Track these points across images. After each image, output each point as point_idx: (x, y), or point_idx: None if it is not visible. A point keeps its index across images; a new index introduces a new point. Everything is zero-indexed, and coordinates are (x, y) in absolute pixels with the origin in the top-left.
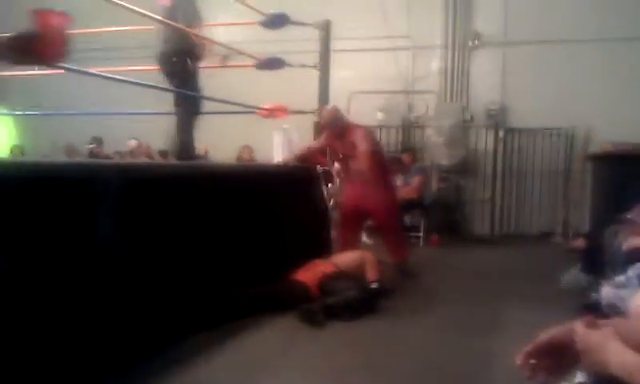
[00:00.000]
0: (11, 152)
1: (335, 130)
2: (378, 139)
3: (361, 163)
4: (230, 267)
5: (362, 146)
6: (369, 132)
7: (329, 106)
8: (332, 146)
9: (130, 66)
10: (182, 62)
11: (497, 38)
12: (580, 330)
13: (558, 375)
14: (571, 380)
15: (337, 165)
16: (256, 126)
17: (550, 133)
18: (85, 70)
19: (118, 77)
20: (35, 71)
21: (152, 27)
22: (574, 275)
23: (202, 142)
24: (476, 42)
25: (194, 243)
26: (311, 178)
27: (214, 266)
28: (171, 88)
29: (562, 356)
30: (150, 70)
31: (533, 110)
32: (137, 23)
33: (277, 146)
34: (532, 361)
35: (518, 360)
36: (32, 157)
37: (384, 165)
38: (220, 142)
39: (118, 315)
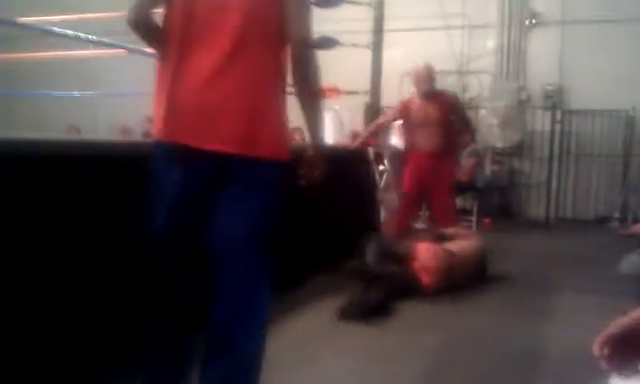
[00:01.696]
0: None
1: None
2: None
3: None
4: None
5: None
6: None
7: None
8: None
9: None
10: None
11: (554, 17)
12: None
13: (634, 365)
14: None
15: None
16: None
17: (609, 114)
18: None
19: None
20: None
21: None
22: (633, 261)
23: None
24: (533, 20)
25: None
26: (364, 159)
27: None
28: None
29: (636, 345)
30: None
31: (591, 90)
32: None
33: (327, 127)
34: (606, 350)
35: (595, 349)
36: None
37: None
38: None
39: None
